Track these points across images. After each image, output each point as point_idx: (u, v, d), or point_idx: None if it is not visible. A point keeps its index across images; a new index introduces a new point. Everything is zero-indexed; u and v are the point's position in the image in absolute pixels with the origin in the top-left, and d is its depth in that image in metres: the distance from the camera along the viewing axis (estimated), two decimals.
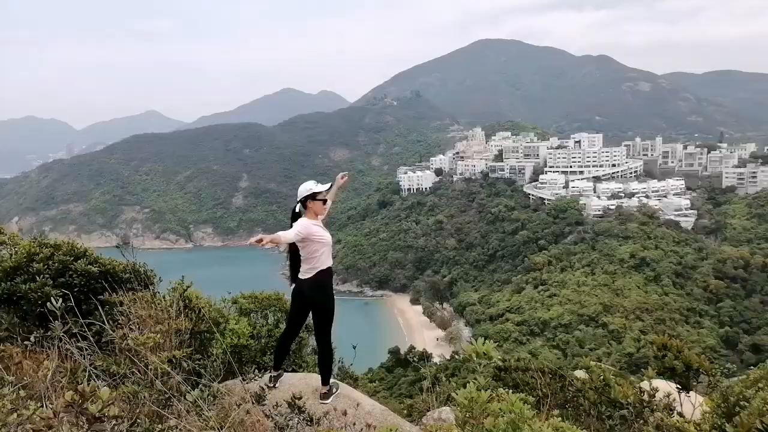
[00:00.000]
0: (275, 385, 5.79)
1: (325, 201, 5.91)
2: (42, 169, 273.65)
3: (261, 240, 4.88)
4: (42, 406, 2.92)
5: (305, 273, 5.67)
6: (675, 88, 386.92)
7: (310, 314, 5.91)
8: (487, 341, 3.58)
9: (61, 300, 4.34)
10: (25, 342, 4.58)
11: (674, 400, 5.24)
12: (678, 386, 5.32)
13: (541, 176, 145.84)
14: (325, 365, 5.83)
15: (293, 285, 5.81)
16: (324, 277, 5.71)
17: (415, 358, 49.45)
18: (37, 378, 3.77)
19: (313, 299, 5.72)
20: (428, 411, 7.05)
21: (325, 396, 5.66)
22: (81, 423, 2.72)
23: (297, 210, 5.81)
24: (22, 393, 3.02)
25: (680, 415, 5.05)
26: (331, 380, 5.90)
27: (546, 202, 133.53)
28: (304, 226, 5.57)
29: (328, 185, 6.07)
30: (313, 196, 5.77)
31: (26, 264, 6.03)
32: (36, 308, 5.68)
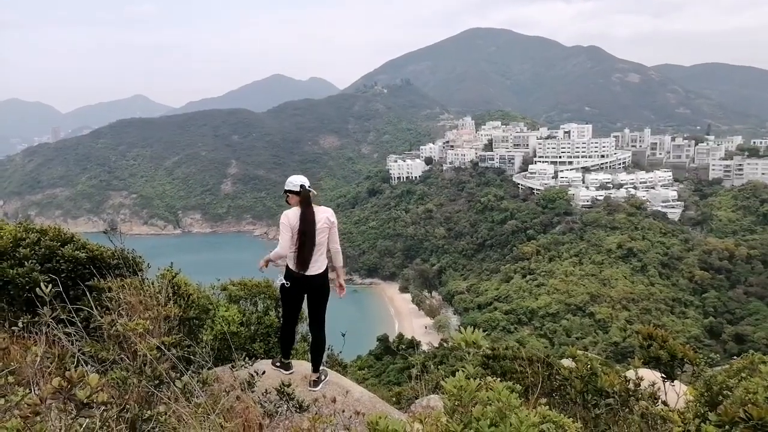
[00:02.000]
0: (292, 370, 5.95)
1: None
2: (27, 153, 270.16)
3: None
4: (30, 392, 2.90)
5: (322, 265, 5.80)
6: (664, 80, 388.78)
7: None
8: (475, 330, 3.60)
9: (50, 286, 4.30)
10: (12, 328, 4.54)
11: (659, 389, 5.32)
12: (663, 375, 5.39)
13: (530, 166, 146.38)
14: (319, 352, 5.93)
15: (304, 274, 5.72)
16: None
17: (403, 346, 49.74)
18: (24, 364, 3.74)
19: (323, 288, 5.86)
20: (417, 399, 7.11)
21: (315, 383, 5.73)
22: (69, 409, 2.71)
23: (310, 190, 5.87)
24: (10, 379, 3.01)
25: (665, 403, 5.13)
26: (321, 367, 5.95)
27: (535, 192, 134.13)
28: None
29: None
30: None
31: (12, 249, 5.96)
32: (23, 294, 5.63)
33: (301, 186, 5.77)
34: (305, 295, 5.91)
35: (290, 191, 5.84)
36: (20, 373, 3.70)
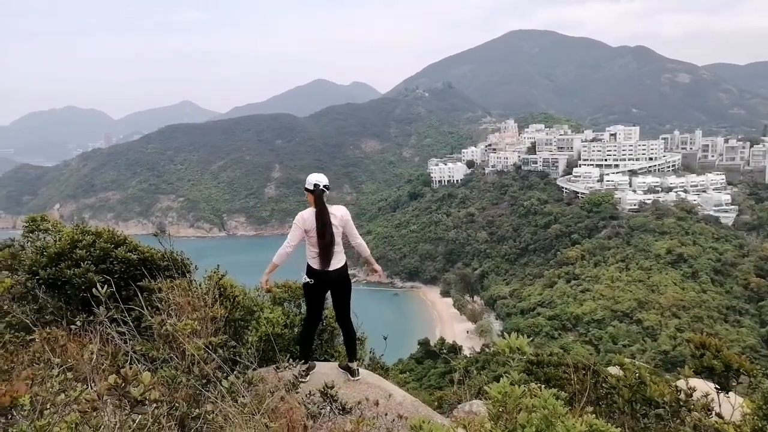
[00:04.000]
0: (307, 377, 5.87)
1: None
2: (82, 158, 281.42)
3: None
4: (87, 388, 3.02)
5: (342, 259, 5.95)
6: (716, 80, 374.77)
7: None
8: (520, 336, 3.56)
9: (105, 286, 4.47)
10: (71, 326, 4.74)
11: (712, 400, 5.12)
12: (716, 386, 5.19)
13: (574, 169, 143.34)
14: (352, 343, 6.12)
15: (326, 270, 5.82)
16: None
17: (445, 351, 49.40)
18: (81, 361, 3.90)
19: (345, 281, 5.99)
20: (459, 403, 7.06)
21: (357, 372, 5.93)
22: (124, 405, 2.81)
23: (323, 189, 5.92)
24: (69, 375, 3.14)
25: (719, 416, 4.93)
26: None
27: (580, 195, 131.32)
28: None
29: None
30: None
31: (70, 250, 6.22)
32: (79, 293, 5.87)
33: (315, 185, 5.85)
34: (327, 292, 6.05)
35: (306, 189, 5.96)
36: (77, 370, 3.86)
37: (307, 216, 5.79)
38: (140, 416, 2.92)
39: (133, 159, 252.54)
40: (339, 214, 5.89)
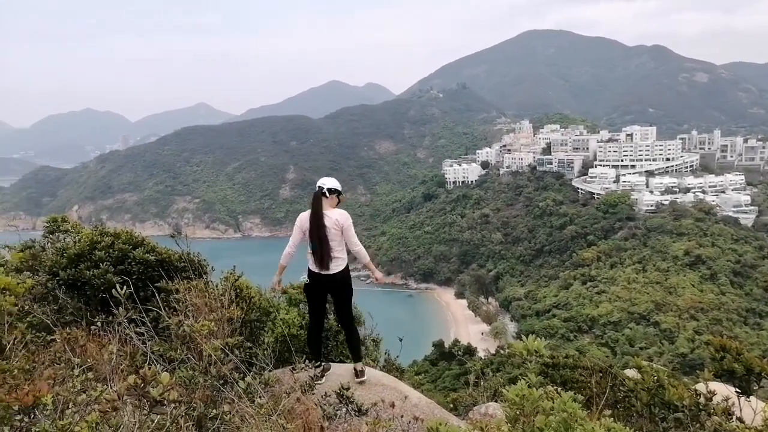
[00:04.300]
0: (323, 378, 5.88)
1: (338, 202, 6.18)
2: (99, 160, 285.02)
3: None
4: (107, 388, 3.06)
5: (341, 263, 5.85)
6: (735, 79, 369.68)
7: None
8: (537, 338, 3.54)
9: (123, 287, 4.52)
10: (91, 326, 4.80)
11: (733, 404, 5.04)
12: (737, 390, 5.11)
13: (590, 170, 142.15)
14: (354, 345, 6.07)
15: (322, 272, 5.84)
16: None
17: (459, 352, 49.28)
18: (101, 361, 3.95)
19: (343, 283, 5.91)
20: (474, 405, 7.03)
21: (360, 373, 5.81)
22: (143, 405, 2.84)
23: (324, 192, 5.96)
24: (89, 375, 3.18)
25: (740, 420, 4.86)
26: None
27: (595, 196, 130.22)
28: (348, 214, 5.91)
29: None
30: (340, 193, 6.12)
31: (89, 251, 6.30)
32: (98, 294, 5.94)
33: (319, 187, 5.96)
34: (328, 295, 6.04)
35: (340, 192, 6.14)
36: (97, 370, 3.91)
37: (304, 217, 5.90)
38: (159, 416, 2.95)
39: (150, 161, 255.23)
40: (334, 217, 5.81)
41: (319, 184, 5.99)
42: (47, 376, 3.22)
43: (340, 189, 6.07)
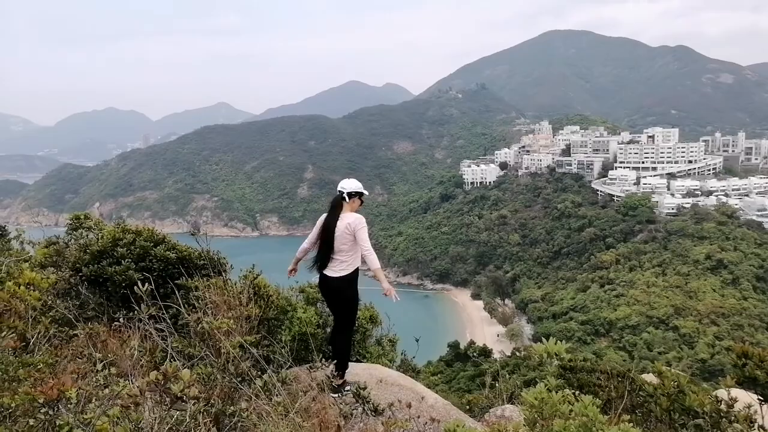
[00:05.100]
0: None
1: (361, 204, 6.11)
2: (121, 158, 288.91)
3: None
4: (128, 383, 3.11)
5: (344, 269, 5.76)
6: (761, 80, 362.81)
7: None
8: (558, 342, 3.52)
9: (145, 284, 4.58)
10: (113, 322, 4.87)
11: (755, 412, 4.96)
12: (760, 398, 5.02)
13: (610, 172, 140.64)
14: (335, 355, 5.85)
15: (325, 277, 5.85)
16: (357, 274, 5.89)
17: (475, 353, 49.07)
18: (123, 356, 4.01)
19: (339, 291, 5.82)
20: (490, 408, 7.00)
21: (334, 389, 5.31)
22: (164, 401, 2.88)
23: (343, 197, 5.93)
24: (112, 370, 3.23)
25: (762, 428, 4.77)
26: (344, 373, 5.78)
27: (615, 198, 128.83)
28: (363, 218, 5.82)
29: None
30: (362, 195, 6.05)
31: (111, 248, 6.40)
32: (120, 290, 6.03)
33: (339, 191, 5.97)
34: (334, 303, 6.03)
35: (362, 195, 6.11)
36: (118, 365, 3.97)
37: (322, 219, 5.96)
38: (178, 412, 2.99)
39: (170, 159, 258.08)
40: (347, 221, 5.76)
41: (339, 187, 5.98)
42: (71, 371, 3.28)
43: (361, 191, 6.01)
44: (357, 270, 5.85)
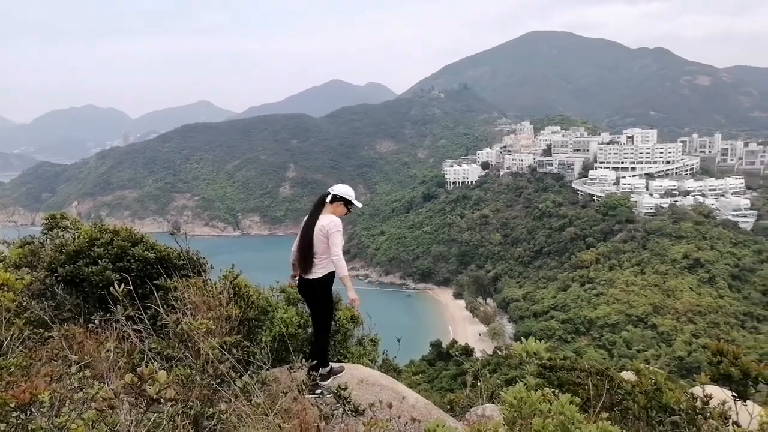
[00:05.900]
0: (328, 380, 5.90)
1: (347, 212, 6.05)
2: (99, 156, 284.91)
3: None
4: (104, 385, 3.06)
5: (320, 271, 5.74)
6: (737, 82, 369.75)
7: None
8: (538, 341, 3.54)
9: (122, 284, 4.52)
10: (89, 323, 4.79)
11: (730, 408, 5.04)
12: (734, 394, 5.11)
13: (590, 172, 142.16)
14: (312, 354, 5.79)
15: (302, 279, 5.84)
16: (333, 276, 5.83)
17: (457, 353, 49.28)
18: (99, 358, 3.94)
19: (315, 292, 5.80)
20: (471, 407, 7.02)
21: (308, 389, 5.16)
22: (140, 403, 2.84)
23: (328, 200, 5.90)
24: (87, 372, 3.17)
25: (736, 424, 4.86)
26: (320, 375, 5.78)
27: (595, 198, 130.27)
28: (339, 222, 5.79)
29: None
30: (349, 203, 5.99)
31: (88, 248, 6.29)
32: (97, 291, 5.93)
33: (327, 194, 5.98)
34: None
35: (349, 202, 6.09)
36: (94, 367, 3.90)
37: (304, 219, 5.96)
38: (155, 415, 2.95)
39: (150, 158, 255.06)
40: (322, 222, 5.74)
41: (328, 190, 6.00)
42: (44, 374, 3.21)
43: (346, 197, 5.92)
44: (333, 273, 5.78)
